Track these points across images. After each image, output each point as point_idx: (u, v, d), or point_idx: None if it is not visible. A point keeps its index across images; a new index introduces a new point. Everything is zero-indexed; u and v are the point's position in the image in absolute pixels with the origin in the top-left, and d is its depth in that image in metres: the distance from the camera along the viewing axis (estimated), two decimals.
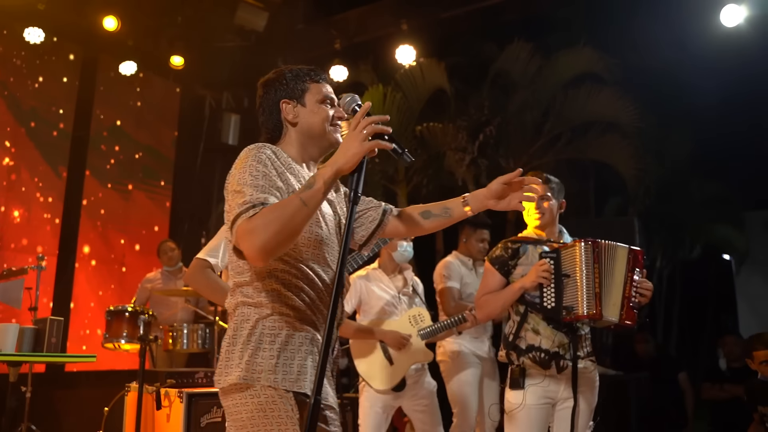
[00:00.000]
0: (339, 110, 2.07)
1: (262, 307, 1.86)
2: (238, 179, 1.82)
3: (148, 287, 6.06)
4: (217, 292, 3.03)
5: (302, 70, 2.07)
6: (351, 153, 1.77)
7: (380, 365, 3.87)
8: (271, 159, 1.87)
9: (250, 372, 1.80)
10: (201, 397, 3.83)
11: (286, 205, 1.72)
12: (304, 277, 1.88)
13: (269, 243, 1.69)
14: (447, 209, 2.15)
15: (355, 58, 7.36)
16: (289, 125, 2.04)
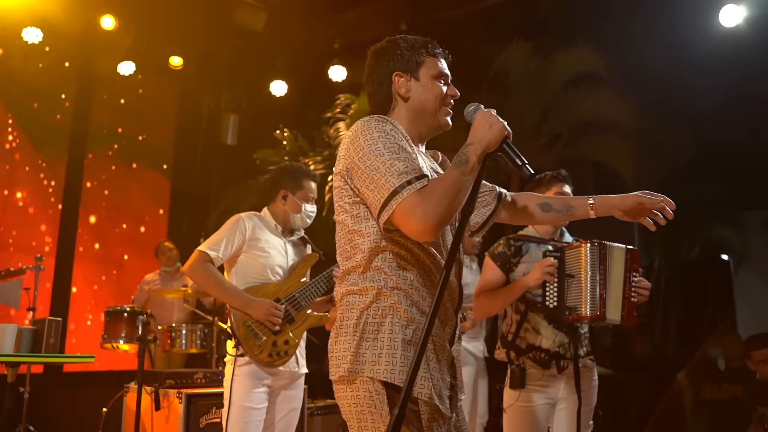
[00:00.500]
0: (453, 89, 1.94)
1: (366, 295, 1.75)
2: (371, 152, 1.70)
3: (146, 288, 6.06)
4: (216, 286, 3.03)
5: (418, 41, 1.94)
6: (497, 128, 1.73)
7: None
8: (394, 128, 1.78)
9: (354, 364, 1.70)
10: (200, 397, 3.82)
11: (452, 179, 1.66)
12: (416, 262, 1.76)
13: (444, 215, 1.62)
14: (570, 207, 2.09)
15: (354, 59, 7.35)
16: (400, 99, 1.91)
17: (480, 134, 1.73)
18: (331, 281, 3.16)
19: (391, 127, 1.77)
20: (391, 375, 1.67)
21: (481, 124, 1.74)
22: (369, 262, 1.76)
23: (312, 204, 3.24)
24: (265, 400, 3.03)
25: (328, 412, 4.64)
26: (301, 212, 3.20)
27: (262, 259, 3.10)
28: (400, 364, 1.67)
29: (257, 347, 2.97)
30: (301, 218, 3.21)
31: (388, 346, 1.69)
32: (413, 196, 1.63)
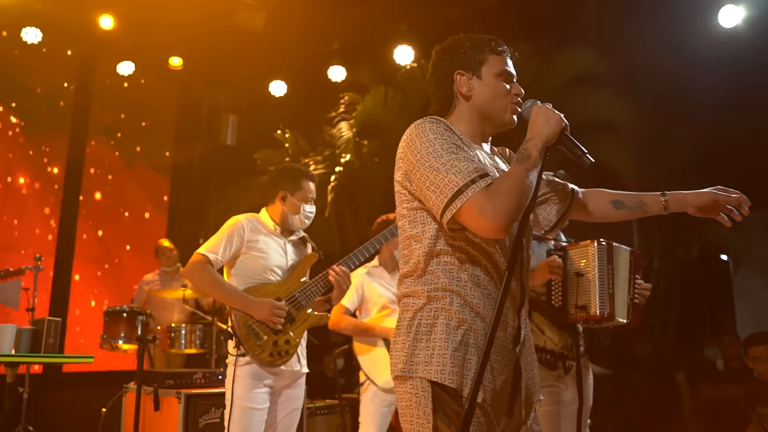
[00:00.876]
0: (517, 87, 1.92)
1: (419, 297, 1.79)
2: (431, 151, 1.71)
3: (146, 289, 6.05)
4: (216, 288, 3.03)
5: (482, 39, 1.93)
6: (554, 121, 1.75)
7: (383, 362, 3.87)
8: (448, 128, 1.79)
9: (408, 364, 1.74)
10: (199, 397, 3.82)
11: (517, 176, 1.67)
12: (471, 263, 1.76)
13: (513, 212, 1.63)
14: (643, 204, 2.06)
15: (353, 59, 7.35)
16: (462, 98, 1.91)
17: (538, 129, 1.75)
18: (330, 281, 3.15)
19: (445, 127, 1.78)
20: (441, 375, 1.69)
21: (538, 119, 1.76)
22: (425, 267, 1.79)
23: (311, 205, 3.24)
24: (266, 400, 3.03)
25: (327, 412, 4.65)
26: (299, 213, 3.20)
27: (261, 259, 3.10)
28: (450, 365, 1.69)
29: (258, 347, 2.97)
30: (300, 219, 3.21)
31: (439, 347, 1.71)
32: (480, 195, 1.64)
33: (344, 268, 3.18)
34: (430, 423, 1.68)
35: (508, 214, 1.62)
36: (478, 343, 1.73)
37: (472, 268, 1.77)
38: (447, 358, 1.70)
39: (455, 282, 1.75)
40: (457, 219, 1.68)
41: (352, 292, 3.91)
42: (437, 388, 1.70)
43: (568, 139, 1.75)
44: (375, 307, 3.97)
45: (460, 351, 1.71)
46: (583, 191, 2.11)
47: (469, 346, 1.72)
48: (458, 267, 1.76)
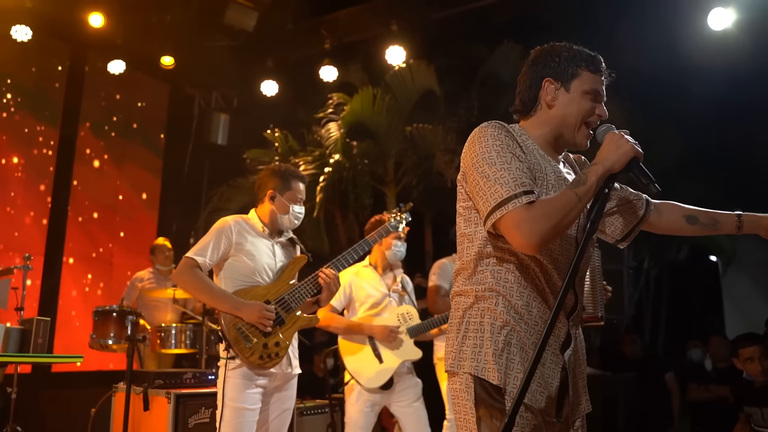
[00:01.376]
0: (602, 109, 1.90)
1: (468, 296, 1.86)
2: (486, 157, 1.76)
3: (139, 286, 6.01)
4: (204, 292, 3.03)
5: (582, 54, 1.90)
6: (623, 150, 1.74)
7: (369, 363, 3.87)
8: (509, 135, 1.80)
9: (456, 360, 1.83)
10: (189, 397, 3.82)
11: (565, 200, 1.70)
12: (520, 266, 1.82)
13: (549, 234, 1.68)
14: (716, 222, 2.08)
15: (345, 59, 7.35)
16: (545, 105, 1.91)
17: (605, 155, 1.75)
18: (319, 283, 3.15)
19: (506, 133, 1.80)
20: (485, 373, 1.76)
21: (609, 146, 1.76)
22: (475, 266, 1.85)
23: (300, 205, 3.24)
24: (258, 401, 3.03)
25: (317, 411, 4.64)
26: (288, 213, 3.19)
27: (250, 262, 3.10)
28: (493, 362, 1.76)
29: (248, 350, 2.97)
30: (289, 219, 3.21)
31: (484, 346, 1.79)
32: (519, 211, 1.68)
33: (333, 271, 3.18)
34: (474, 416, 1.77)
35: (542, 235, 1.67)
36: (521, 344, 1.78)
37: (518, 271, 1.82)
38: (490, 356, 1.77)
39: (501, 283, 1.82)
40: (497, 227, 1.74)
41: (339, 291, 3.91)
42: (481, 384, 1.77)
43: (639, 167, 1.75)
44: (363, 306, 3.97)
45: (503, 350, 1.77)
46: (657, 203, 2.12)
47: (512, 346, 1.78)
48: (505, 269, 1.82)
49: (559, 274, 1.82)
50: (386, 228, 3.69)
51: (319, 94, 7.55)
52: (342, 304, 3.97)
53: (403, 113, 7.41)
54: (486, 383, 1.76)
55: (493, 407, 1.75)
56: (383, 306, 4.00)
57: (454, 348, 1.85)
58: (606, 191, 1.73)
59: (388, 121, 7.35)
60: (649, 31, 6.15)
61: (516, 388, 1.73)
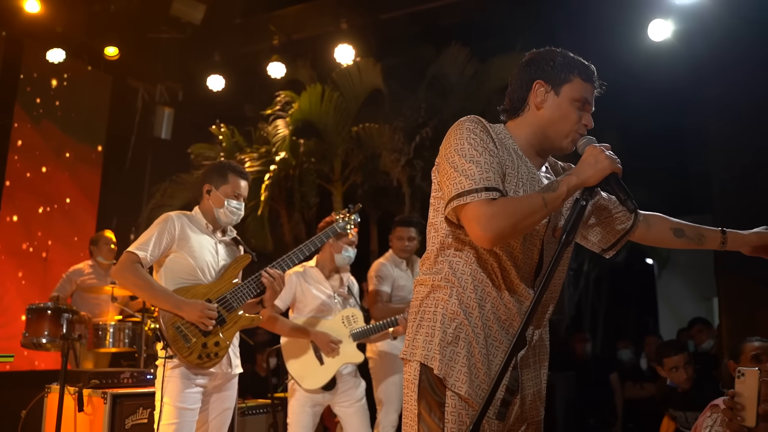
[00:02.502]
0: (589, 118, 1.90)
1: (426, 286, 1.89)
2: (458, 149, 1.78)
3: (76, 281, 5.75)
4: (145, 289, 2.95)
5: (576, 61, 1.91)
6: (601, 166, 1.74)
7: (311, 365, 3.86)
8: (485, 130, 1.82)
9: (410, 348, 1.86)
10: (126, 397, 3.73)
11: (530, 202, 1.72)
12: (479, 261, 1.84)
13: (505, 231, 1.70)
14: (702, 237, 2.12)
15: (293, 56, 7.31)
16: (533, 107, 1.91)
17: (582, 168, 1.76)
18: (263, 283, 3.12)
19: (482, 128, 1.82)
20: (432, 363, 1.79)
21: (587, 159, 1.77)
22: (436, 256, 1.89)
23: (238, 201, 3.16)
24: (198, 401, 2.98)
25: (259, 411, 4.60)
26: (224, 207, 3.13)
27: (192, 259, 3.04)
28: (438, 353, 1.79)
29: (186, 349, 2.91)
30: (225, 213, 3.14)
31: (433, 336, 1.82)
32: (480, 204, 1.71)
33: (278, 271, 3.15)
34: (416, 410, 1.81)
35: (499, 231, 1.69)
36: (468, 339, 1.80)
37: (476, 265, 1.84)
38: (437, 347, 1.80)
39: (458, 275, 1.84)
40: (459, 216, 1.78)
41: (285, 291, 3.88)
42: (426, 375, 1.80)
43: (617, 183, 1.76)
44: (307, 308, 3.95)
45: (450, 343, 1.80)
46: (645, 214, 2.14)
47: (460, 340, 1.80)
48: (464, 262, 1.85)
49: (518, 273, 1.83)
50: (333, 228, 3.67)
51: (267, 90, 7.48)
52: (287, 304, 3.94)
53: (351, 112, 7.41)
54: (431, 375, 1.79)
55: (432, 401, 1.77)
56: (329, 308, 3.98)
57: (409, 336, 1.88)
58: (584, 203, 1.74)
59: (336, 120, 7.34)
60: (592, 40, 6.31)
61: (458, 382, 1.76)
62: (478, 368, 1.79)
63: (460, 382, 1.76)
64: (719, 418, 2.84)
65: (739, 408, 2.13)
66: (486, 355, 1.80)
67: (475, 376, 1.78)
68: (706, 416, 2.92)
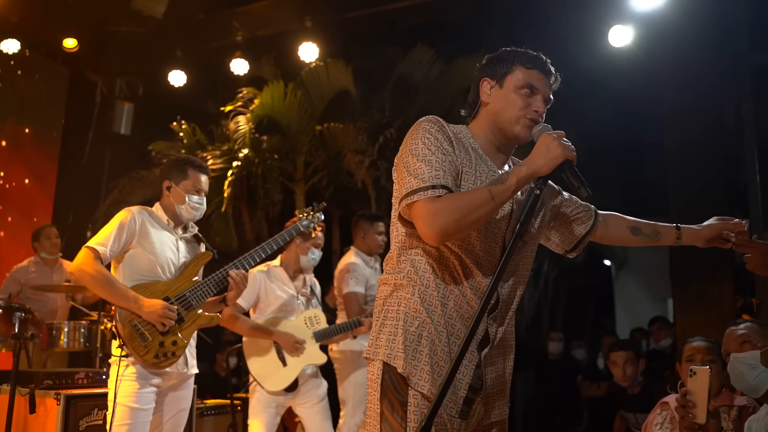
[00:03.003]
0: (538, 103, 1.89)
1: (388, 285, 1.90)
2: (412, 149, 1.81)
3: (21, 280, 5.56)
4: (104, 286, 2.88)
5: (518, 53, 1.93)
6: (552, 155, 1.73)
7: (273, 366, 3.83)
8: (441, 130, 1.83)
9: (373, 347, 1.86)
10: (81, 398, 3.65)
11: (474, 195, 1.72)
12: (440, 259, 1.84)
13: (450, 227, 1.70)
14: (658, 234, 2.17)
15: (257, 53, 7.24)
16: (483, 104, 1.95)
17: (534, 157, 1.76)
18: (224, 281, 3.08)
19: (438, 128, 1.83)
20: (394, 361, 1.79)
21: (539, 148, 1.76)
22: (398, 255, 1.90)
23: (199, 196, 3.12)
24: (152, 401, 2.93)
25: (218, 412, 4.54)
26: (185, 203, 3.09)
27: (152, 255, 2.99)
28: (402, 351, 1.79)
29: (143, 347, 2.86)
30: (187, 209, 3.09)
31: (397, 334, 1.82)
32: (426, 202, 1.73)
33: (242, 272, 3.11)
34: (378, 409, 1.80)
35: (443, 228, 1.70)
36: (431, 337, 1.80)
37: (437, 264, 1.84)
38: (401, 345, 1.80)
39: (420, 274, 1.85)
40: (411, 216, 1.80)
41: (249, 290, 3.84)
42: (388, 374, 1.80)
43: (572, 170, 1.75)
44: (270, 308, 3.92)
45: (413, 341, 1.80)
46: (604, 214, 2.18)
47: (422, 338, 1.80)
48: (425, 261, 1.85)
49: (480, 271, 1.83)
50: (297, 227, 3.65)
51: (230, 87, 7.40)
52: (250, 303, 3.90)
53: (316, 111, 7.38)
54: (394, 374, 1.79)
55: (395, 400, 1.77)
56: (291, 308, 3.96)
57: (373, 335, 1.89)
58: (538, 192, 1.74)
59: (300, 118, 7.31)
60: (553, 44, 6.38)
61: (420, 380, 1.76)
62: (441, 366, 1.78)
63: (423, 381, 1.76)
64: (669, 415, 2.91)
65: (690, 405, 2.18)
66: (449, 353, 1.79)
67: (437, 375, 1.78)
68: (656, 413, 2.99)
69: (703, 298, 4.73)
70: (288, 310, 3.94)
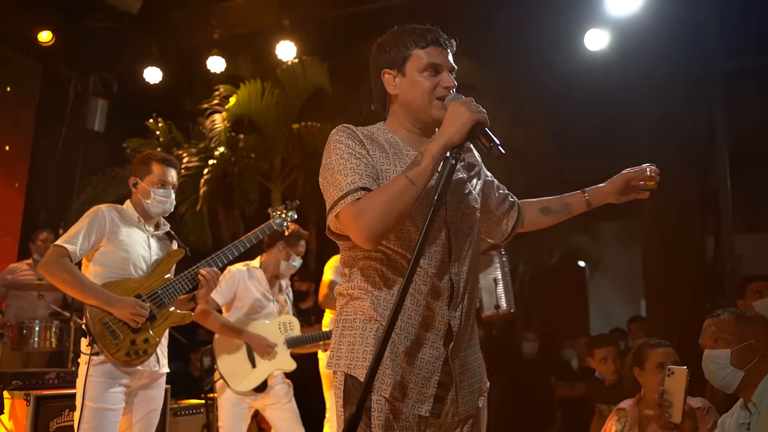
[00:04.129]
0: (447, 78, 1.81)
1: (344, 296, 1.86)
2: (327, 164, 1.77)
3: (9, 279, 5.50)
4: (73, 284, 2.84)
5: (405, 34, 1.84)
6: (462, 121, 1.66)
7: (242, 366, 3.81)
8: (352, 136, 1.78)
9: (335, 358, 1.82)
10: (51, 399, 3.60)
11: (392, 186, 1.65)
12: (387, 263, 1.78)
13: (377, 225, 1.63)
14: (568, 205, 2.10)
15: (234, 51, 7.20)
16: (392, 97, 1.86)
17: (444, 128, 1.69)
18: (196, 279, 3.05)
19: (348, 135, 1.79)
20: (355, 370, 1.76)
21: (448, 118, 1.70)
22: (348, 266, 1.87)
23: (165, 189, 3.07)
24: (121, 401, 2.89)
25: (191, 412, 4.51)
26: (150, 197, 3.05)
27: (123, 252, 2.95)
28: (361, 359, 1.76)
29: (114, 345, 2.83)
30: (153, 204, 3.05)
31: (355, 344, 1.79)
32: (348, 209, 1.67)
33: (215, 269, 3.09)
34: (344, 416, 1.77)
35: (371, 227, 1.64)
36: (391, 340, 1.71)
37: (386, 267, 1.79)
38: (359, 354, 1.76)
39: (371, 281, 1.81)
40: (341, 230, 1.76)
41: (226, 286, 3.81)
42: (350, 381, 1.77)
43: (483, 132, 1.67)
44: (244, 307, 3.90)
45: (372, 346, 1.76)
46: (519, 203, 2.13)
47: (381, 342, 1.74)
48: (373, 267, 1.80)
49: (429, 265, 1.77)
50: (270, 225, 3.64)
51: (206, 85, 7.35)
52: (226, 300, 3.87)
53: (293, 109, 7.36)
54: (356, 381, 1.75)
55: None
56: (265, 311, 3.94)
57: (334, 346, 1.85)
58: (453, 162, 1.67)
59: (277, 116, 7.28)
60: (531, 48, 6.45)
61: (383, 385, 1.73)
62: (403, 368, 1.76)
63: (386, 385, 1.73)
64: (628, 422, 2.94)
65: (666, 405, 2.21)
66: (410, 354, 1.77)
67: (400, 377, 1.75)
68: (613, 420, 3.02)
69: (675, 298, 4.80)
70: (262, 312, 3.92)
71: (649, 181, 2.01)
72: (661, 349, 2.95)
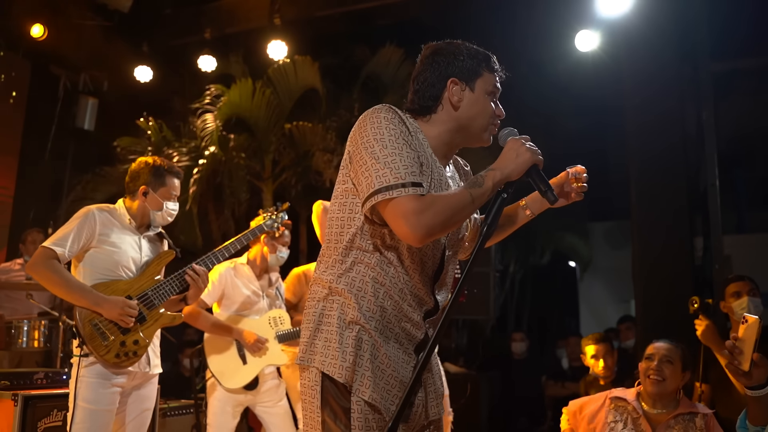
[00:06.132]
0: (500, 109, 1.89)
1: (323, 286, 1.81)
2: (375, 139, 1.70)
3: (3, 279, 5.48)
4: (61, 285, 2.83)
5: (481, 53, 1.88)
6: (522, 159, 1.73)
7: (233, 363, 3.80)
8: (403, 123, 1.75)
9: (306, 353, 1.78)
10: (39, 399, 3.57)
11: (457, 197, 1.68)
12: (383, 264, 1.77)
13: (436, 228, 1.65)
14: (510, 217, 2.13)
15: (225, 50, 7.18)
16: (449, 106, 1.84)
17: (504, 162, 1.75)
18: (186, 280, 3.05)
19: (400, 120, 1.75)
20: (332, 369, 1.72)
21: (508, 153, 1.76)
22: (338, 255, 1.80)
23: (174, 202, 3.13)
24: (114, 401, 2.88)
25: (181, 412, 4.49)
26: (162, 210, 3.07)
27: (113, 254, 2.94)
28: (341, 359, 1.72)
29: (104, 347, 2.81)
30: (162, 216, 3.09)
31: (334, 341, 1.74)
32: (409, 200, 1.64)
33: (202, 268, 3.09)
34: (319, 417, 1.73)
35: (430, 229, 1.65)
36: (372, 341, 1.75)
37: (379, 268, 1.78)
38: (339, 353, 1.73)
39: (359, 278, 1.77)
40: (381, 213, 1.70)
41: (214, 285, 3.80)
42: (327, 382, 1.73)
43: (538, 174, 1.76)
44: (234, 305, 3.88)
45: (353, 347, 1.73)
46: None
47: (363, 343, 1.74)
48: (365, 264, 1.78)
49: (421, 277, 1.80)
50: (261, 226, 3.63)
51: (197, 84, 7.32)
52: (214, 299, 3.86)
53: (284, 109, 7.35)
54: (334, 381, 1.73)
55: (337, 407, 1.72)
56: (255, 307, 3.93)
57: (306, 340, 1.79)
58: (505, 196, 1.74)
59: (268, 116, 7.26)
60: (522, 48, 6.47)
61: (362, 386, 1.72)
62: (383, 370, 1.76)
63: (365, 387, 1.72)
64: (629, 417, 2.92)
65: (737, 352, 2.22)
66: (391, 357, 1.77)
67: (380, 379, 1.75)
68: (608, 409, 3.00)
69: (664, 299, 4.82)
70: (252, 308, 3.91)
71: (577, 183, 2.03)
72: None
